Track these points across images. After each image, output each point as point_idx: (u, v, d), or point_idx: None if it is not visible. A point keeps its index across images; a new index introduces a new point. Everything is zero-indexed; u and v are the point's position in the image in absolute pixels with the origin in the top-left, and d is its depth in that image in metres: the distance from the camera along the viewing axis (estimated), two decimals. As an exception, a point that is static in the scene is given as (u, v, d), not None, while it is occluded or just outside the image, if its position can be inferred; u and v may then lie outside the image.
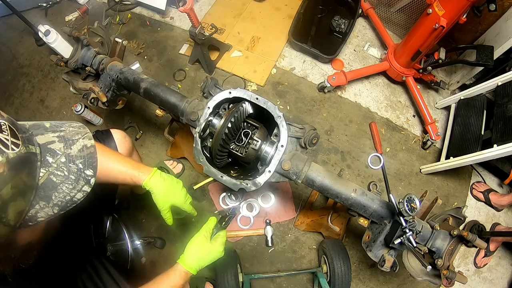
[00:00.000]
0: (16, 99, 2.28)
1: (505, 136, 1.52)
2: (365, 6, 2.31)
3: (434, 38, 1.64)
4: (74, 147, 0.62)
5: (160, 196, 1.00)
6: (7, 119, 0.52)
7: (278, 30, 2.33)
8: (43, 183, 0.55)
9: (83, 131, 0.66)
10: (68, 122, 0.67)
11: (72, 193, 0.59)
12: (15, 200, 0.50)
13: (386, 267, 1.06)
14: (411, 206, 0.94)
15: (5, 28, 2.54)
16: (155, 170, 1.00)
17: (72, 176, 0.59)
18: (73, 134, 0.63)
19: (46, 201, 0.56)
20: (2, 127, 0.50)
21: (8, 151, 0.48)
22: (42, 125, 0.62)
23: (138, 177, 0.97)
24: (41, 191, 0.55)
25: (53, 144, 0.59)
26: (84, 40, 1.44)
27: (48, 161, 0.57)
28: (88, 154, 0.63)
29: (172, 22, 2.43)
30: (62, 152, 0.59)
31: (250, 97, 1.13)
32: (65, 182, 0.58)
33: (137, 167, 0.99)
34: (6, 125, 0.51)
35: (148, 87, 1.32)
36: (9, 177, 0.48)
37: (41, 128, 0.61)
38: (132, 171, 0.97)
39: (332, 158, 1.98)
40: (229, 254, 1.51)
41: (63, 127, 0.64)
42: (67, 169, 0.59)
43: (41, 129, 0.61)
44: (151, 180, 0.98)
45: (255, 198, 1.83)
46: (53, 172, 0.57)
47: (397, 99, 2.19)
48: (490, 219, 1.91)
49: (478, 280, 1.79)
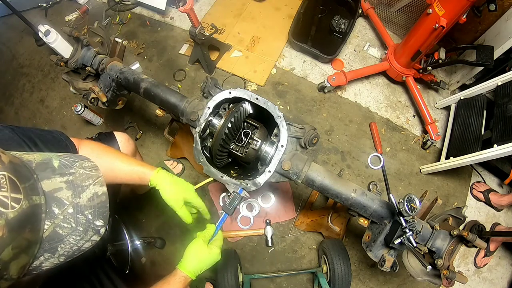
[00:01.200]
0: (16, 99, 2.28)
1: (505, 136, 1.52)
2: (365, 6, 2.31)
3: (434, 38, 1.64)
4: (83, 195, 0.56)
5: (169, 192, 0.97)
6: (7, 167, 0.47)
7: (278, 30, 2.33)
8: (48, 235, 0.51)
9: (95, 175, 0.60)
10: (79, 159, 0.61)
11: (80, 243, 0.55)
12: (18, 258, 0.46)
13: (386, 267, 1.06)
14: (411, 206, 0.94)
15: (5, 28, 2.54)
16: (160, 168, 1.00)
17: (80, 227, 0.55)
18: (83, 178, 0.58)
19: (51, 252, 0.52)
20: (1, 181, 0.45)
21: (7, 211, 0.44)
22: (51, 165, 0.56)
23: (145, 174, 0.96)
24: (46, 244, 0.51)
25: (60, 192, 0.54)
26: (84, 40, 1.44)
27: (54, 212, 0.52)
28: (99, 203, 0.58)
29: (172, 22, 2.43)
30: (69, 202, 0.54)
31: (250, 97, 1.13)
32: (72, 234, 0.54)
33: (143, 166, 0.98)
34: (5, 178, 0.45)
35: (148, 87, 1.32)
36: (10, 239, 0.44)
37: (48, 169, 0.55)
38: (138, 169, 0.97)
39: (332, 158, 1.98)
40: (229, 254, 1.51)
41: (72, 169, 0.58)
42: (74, 221, 0.54)
43: (48, 170, 0.55)
44: (158, 176, 0.97)
45: (255, 198, 1.83)
46: (59, 224, 0.52)
47: (397, 99, 2.19)
48: (490, 219, 1.91)
49: (478, 280, 1.79)
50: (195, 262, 0.93)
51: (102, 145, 1.02)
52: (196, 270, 0.92)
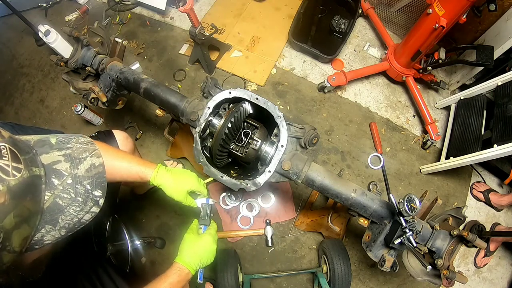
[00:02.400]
0: (16, 99, 2.28)
1: (505, 136, 1.52)
2: (365, 6, 2.31)
3: (434, 38, 1.64)
4: (81, 166, 0.58)
5: (171, 188, 0.98)
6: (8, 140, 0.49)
7: (278, 30, 2.33)
8: (49, 206, 0.52)
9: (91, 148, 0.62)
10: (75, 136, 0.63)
11: (80, 214, 0.56)
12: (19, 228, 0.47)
13: (386, 267, 1.06)
14: (411, 206, 0.94)
15: (5, 28, 2.54)
16: (159, 165, 1.00)
17: (80, 198, 0.56)
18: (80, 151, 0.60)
19: (53, 224, 0.53)
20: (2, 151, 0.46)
21: (9, 178, 0.45)
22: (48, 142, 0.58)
23: (145, 172, 0.96)
24: (47, 215, 0.52)
25: (59, 164, 0.56)
26: (84, 40, 1.44)
27: (53, 184, 0.54)
28: (96, 173, 0.60)
29: (172, 22, 2.43)
30: (68, 173, 0.56)
31: (250, 97, 1.13)
32: (72, 205, 0.55)
33: (143, 163, 0.98)
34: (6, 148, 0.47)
35: (148, 87, 1.32)
36: (12, 206, 0.45)
37: (46, 145, 0.57)
38: (138, 167, 0.96)
39: (332, 158, 1.98)
40: (229, 254, 1.51)
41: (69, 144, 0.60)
42: (74, 191, 0.56)
43: (46, 146, 0.57)
44: (158, 175, 0.97)
45: (255, 198, 1.83)
46: (59, 195, 0.54)
47: (397, 99, 2.19)
48: (490, 219, 1.91)
49: (478, 280, 1.79)
50: (190, 253, 0.94)
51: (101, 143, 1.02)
52: (192, 261, 0.93)
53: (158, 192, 1.00)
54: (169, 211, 1.82)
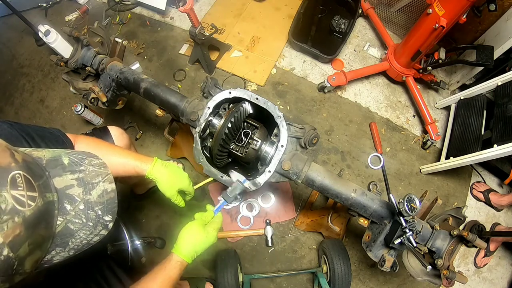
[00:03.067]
0: (16, 99, 2.28)
1: (505, 136, 1.52)
2: (365, 6, 2.31)
3: (434, 38, 1.64)
4: (93, 192, 0.58)
5: (165, 183, 0.99)
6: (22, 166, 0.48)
7: (278, 30, 2.33)
8: (60, 231, 0.53)
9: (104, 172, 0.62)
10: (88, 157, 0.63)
11: (89, 237, 0.57)
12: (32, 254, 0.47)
13: (386, 267, 1.06)
14: (411, 206, 0.94)
15: (5, 28, 2.54)
16: (156, 159, 1.01)
17: (90, 223, 0.57)
18: (93, 176, 0.60)
19: (63, 247, 0.54)
20: (18, 180, 0.46)
21: (24, 209, 0.45)
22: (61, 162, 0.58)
23: (141, 167, 0.97)
24: (58, 239, 0.53)
25: (72, 189, 0.56)
26: (84, 40, 1.44)
27: (66, 209, 0.54)
28: (108, 199, 0.60)
29: (172, 22, 2.43)
30: (81, 199, 0.56)
31: (250, 97, 1.13)
32: (83, 229, 0.56)
33: (138, 158, 0.99)
34: (21, 177, 0.46)
35: (148, 87, 1.32)
36: (26, 236, 0.45)
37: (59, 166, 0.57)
38: (134, 162, 0.97)
39: (332, 158, 1.98)
40: (229, 254, 1.51)
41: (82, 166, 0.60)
42: (85, 217, 0.56)
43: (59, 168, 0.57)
44: (154, 169, 0.98)
45: (255, 198, 1.83)
46: (70, 220, 0.54)
47: (397, 99, 2.19)
48: (490, 219, 1.91)
49: (478, 280, 1.79)
50: (190, 245, 0.90)
51: (97, 140, 1.03)
52: (191, 253, 0.90)
53: (158, 192, 1.01)
54: (169, 211, 1.82)
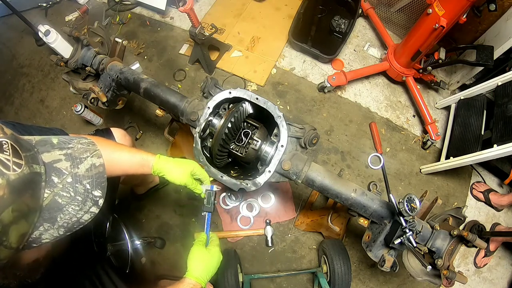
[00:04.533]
0: (16, 99, 2.28)
1: (505, 136, 1.52)
2: (365, 6, 2.31)
3: (434, 38, 1.64)
4: (81, 166, 0.58)
5: (175, 172, 0.99)
6: (10, 137, 0.49)
7: (278, 30, 2.33)
8: (48, 204, 0.53)
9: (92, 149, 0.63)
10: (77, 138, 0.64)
11: (79, 214, 0.56)
12: (17, 223, 0.47)
13: (386, 267, 1.06)
14: (411, 206, 0.94)
15: (5, 28, 2.54)
16: (159, 154, 1.01)
17: (79, 197, 0.56)
18: (81, 151, 0.60)
19: (51, 222, 0.53)
20: (4, 146, 0.47)
21: (8, 173, 0.45)
22: (50, 141, 0.59)
23: (146, 160, 0.97)
24: (46, 213, 0.53)
25: (60, 162, 0.56)
26: (84, 40, 1.44)
27: (53, 182, 0.54)
28: (97, 173, 0.60)
29: (172, 22, 2.43)
30: (68, 172, 0.56)
31: (250, 97, 1.13)
32: (71, 204, 0.55)
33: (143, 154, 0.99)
34: (8, 144, 0.48)
35: (148, 87, 1.32)
36: (10, 200, 0.45)
37: (48, 144, 0.58)
38: (139, 156, 0.97)
39: (332, 158, 1.98)
40: (229, 254, 1.51)
41: (71, 144, 0.61)
42: (73, 190, 0.56)
43: (47, 145, 0.58)
44: (159, 162, 0.98)
45: (255, 198, 1.83)
46: (58, 193, 0.54)
47: (397, 99, 2.19)
48: (490, 219, 1.91)
49: (478, 280, 1.79)
50: (200, 267, 0.93)
51: (100, 139, 1.02)
52: (203, 275, 0.92)
53: (158, 192, 1.01)
54: (169, 211, 1.82)
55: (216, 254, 0.98)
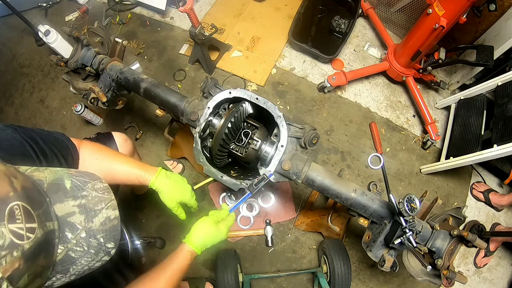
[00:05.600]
0: (16, 99, 2.28)
1: (505, 136, 1.52)
2: (365, 6, 2.31)
3: (434, 38, 1.64)
4: (96, 220, 0.56)
5: (167, 195, 0.99)
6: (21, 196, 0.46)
7: (278, 30, 2.33)
8: (61, 259, 0.52)
9: (107, 198, 0.60)
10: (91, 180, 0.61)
11: (91, 264, 0.56)
12: (32, 283, 0.46)
13: (386, 267, 1.06)
14: (411, 206, 0.94)
15: (5, 28, 2.54)
16: (160, 169, 1.00)
17: (92, 250, 0.55)
18: (95, 202, 0.58)
19: (63, 273, 0.53)
20: (16, 212, 0.43)
21: (23, 243, 0.43)
22: (63, 186, 0.56)
23: (144, 177, 0.97)
24: (59, 266, 0.52)
25: (73, 216, 0.55)
26: (84, 40, 1.44)
27: (67, 237, 0.53)
28: (111, 227, 0.59)
29: (172, 22, 2.43)
30: (82, 227, 0.55)
31: (250, 97, 1.13)
32: (84, 257, 0.54)
33: (142, 167, 0.98)
34: (19, 208, 0.45)
35: (148, 87, 1.32)
36: (26, 269, 0.44)
37: (60, 191, 0.55)
38: (138, 171, 0.97)
39: (332, 158, 1.98)
40: (229, 254, 1.51)
41: (85, 191, 0.58)
42: (87, 244, 0.55)
43: (60, 193, 0.55)
44: (157, 180, 0.97)
45: (255, 198, 1.83)
46: (71, 248, 0.53)
47: (397, 99, 2.19)
48: (490, 219, 1.91)
49: (478, 280, 1.79)
50: (201, 238, 0.94)
51: (101, 146, 1.01)
52: (202, 245, 0.94)
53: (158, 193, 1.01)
54: (169, 211, 1.82)
55: (223, 233, 0.98)
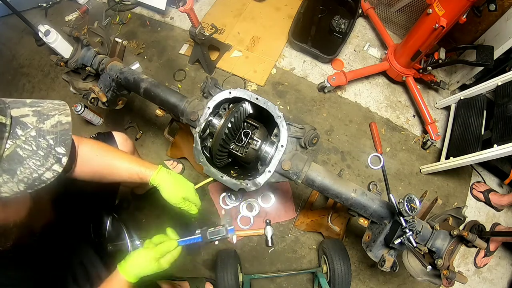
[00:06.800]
0: (16, 99, 2.28)
1: (505, 136, 1.52)
2: (365, 6, 2.31)
3: (434, 38, 1.64)
4: (47, 122, 0.59)
5: (169, 191, 0.98)
6: None
7: (278, 30, 2.33)
8: (8, 155, 0.53)
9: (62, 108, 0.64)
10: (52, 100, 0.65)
11: (40, 170, 0.56)
12: None
13: (386, 267, 1.06)
14: (411, 206, 0.94)
15: (5, 28, 2.54)
16: (160, 166, 1.00)
17: (41, 151, 0.57)
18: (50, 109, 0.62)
19: (10, 175, 0.53)
20: None
21: None
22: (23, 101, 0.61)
23: (145, 173, 0.96)
24: (5, 163, 0.53)
25: (26, 117, 0.58)
26: (84, 40, 1.44)
27: (16, 133, 0.55)
28: (62, 130, 0.60)
29: (172, 22, 2.43)
30: (33, 126, 0.57)
31: (250, 97, 1.13)
32: (32, 158, 0.56)
33: (143, 164, 0.98)
34: None
35: (148, 87, 1.32)
36: None
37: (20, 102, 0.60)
38: (138, 168, 0.96)
39: (332, 158, 1.98)
40: (229, 254, 1.51)
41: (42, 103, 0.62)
42: (36, 144, 0.56)
43: (19, 103, 0.59)
44: (158, 176, 0.97)
45: (255, 198, 1.83)
46: (20, 145, 0.55)
47: (397, 99, 2.19)
48: (490, 219, 1.91)
49: (478, 280, 1.79)
50: (137, 270, 0.86)
51: (102, 144, 1.02)
52: (136, 276, 0.86)
53: (158, 192, 1.01)
54: (169, 211, 1.82)
55: (164, 266, 0.91)
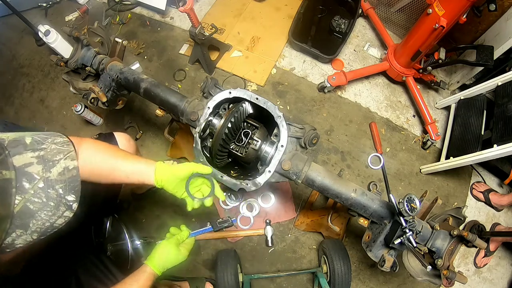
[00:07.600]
0: (16, 99, 2.28)
1: (505, 136, 1.52)
2: (365, 6, 2.31)
3: (434, 38, 1.64)
4: (54, 170, 0.56)
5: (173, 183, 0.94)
6: None
7: (278, 30, 2.33)
8: (19, 211, 0.51)
9: (66, 150, 0.60)
10: (51, 136, 0.61)
11: (52, 219, 0.55)
12: None
13: (386, 267, 1.06)
14: (411, 206, 0.94)
15: (5, 28, 2.54)
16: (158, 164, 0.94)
17: (51, 202, 0.55)
18: (54, 153, 0.58)
19: (23, 229, 0.52)
20: None
21: None
22: (22, 141, 0.57)
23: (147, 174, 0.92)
24: (17, 220, 0.51)
25: (31, 166, 0.54)
26: (84, 40, 1.44)
27: (24, 187, 0.52)
28: (70, 177, 0.58)
29: (172, 22, 2.43)
30: (40, 176, 0.54)
31: (250, 97, 1.13)
32: (44, 209, 0.54)
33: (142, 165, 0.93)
34: None
35: (148, 87, 1.32)
36: None
37: (20, 145, 0.56)
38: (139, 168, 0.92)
39: (332, 158, 1.98)
40: (229, 254, 1.51)
41: (44, 144, 0.58)
42: (45, 196, 0.54)
43: (20, 146, 0.55)
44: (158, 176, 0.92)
45: (255, 198, 1.83)
46: (29, 199, 0.52)
47: (397, 99, 2.19)
48: (490, 219, 1.91)
49: (478, 280, 1.79)
50: (163, 260, 0.97)
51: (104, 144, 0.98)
52: (163, 267, 0.97)
53: (158, 192, 1.01)
54: (169, 211, 1.82)
55: (183, 255, 1.02)
